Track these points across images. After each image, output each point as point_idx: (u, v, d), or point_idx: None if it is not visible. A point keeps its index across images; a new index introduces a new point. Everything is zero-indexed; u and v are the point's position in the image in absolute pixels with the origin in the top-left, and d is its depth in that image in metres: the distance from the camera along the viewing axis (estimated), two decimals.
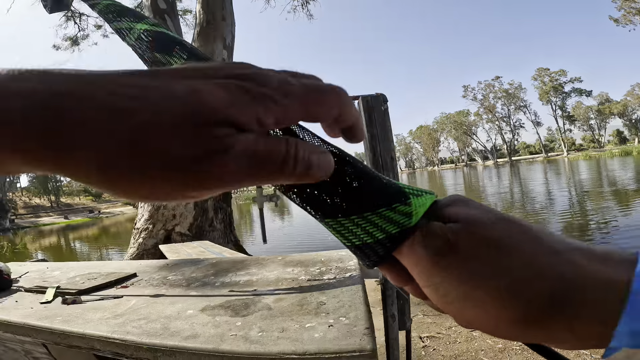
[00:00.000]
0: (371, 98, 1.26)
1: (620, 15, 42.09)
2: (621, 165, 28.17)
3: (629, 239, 6.16)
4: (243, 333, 0.76)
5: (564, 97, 67.00)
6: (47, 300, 1.26)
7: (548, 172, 29.19)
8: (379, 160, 1.25)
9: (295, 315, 0.83)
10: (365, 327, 0.67)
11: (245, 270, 1.49)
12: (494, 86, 70.76)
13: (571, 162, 43.01)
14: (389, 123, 1.30)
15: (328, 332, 0.69)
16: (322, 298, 0.92)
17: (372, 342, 0.61)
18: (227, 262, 1.72)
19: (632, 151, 45.38)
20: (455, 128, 79.48)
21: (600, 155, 50.52)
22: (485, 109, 72.56)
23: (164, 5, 6.22)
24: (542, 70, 66.48)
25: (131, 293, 1.34)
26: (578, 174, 23.65)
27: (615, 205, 9.93)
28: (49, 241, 21.23)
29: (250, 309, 0.95)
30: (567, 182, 19.30)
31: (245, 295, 1.11)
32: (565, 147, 67.51)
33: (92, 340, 0.88)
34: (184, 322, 0.91)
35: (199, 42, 5.72)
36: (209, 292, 1.26)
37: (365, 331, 0.65)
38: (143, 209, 6.83)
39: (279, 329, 0.75)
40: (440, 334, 2.58)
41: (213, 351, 0.70)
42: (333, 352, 0.61)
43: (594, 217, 8.61)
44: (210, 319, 0.90)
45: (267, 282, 1.26)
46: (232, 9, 6.29)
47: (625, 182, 15.53)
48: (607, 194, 12.48)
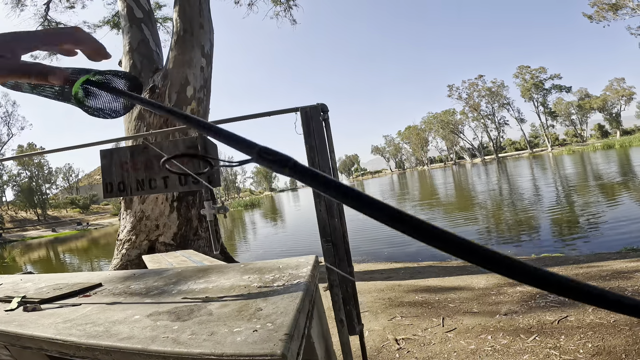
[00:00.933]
0: (310, 109, 1.28)
1: (594, 11, 43.14)
2: (604, 158, 28.88)
3: (617, 232, 6.26)
4: (175, 336, 0.80)
5: (545, 93, 68.45)
6: (11, 308, 1.33)
7: (534, 168, 29.74)
8: None
9: (230, 320, 0.86)
10: (284, 332, 0.70)
11: (205, 278, 1.51)
12: (477, 85, 71.94)
13: (556, 157, 43.90)
14: (329, 133, 1.31)
15: (250, 336, 0.72)
16: (262, 304, 0.96)
17: (284, 348, 0.64)
18: (191, 271, 1.73)
19: (614, 144, 46.52)
20: (442, 127, 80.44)
21: (583, 149, 51.68)
22: (470, 107, 73.67)
23: (140, 14, 6.19)
24: (523, 67, 67.89)
25: (90, 301, 1.39)
26: (563, 169, 24.16)
27: (603, 198, 10.14)
28: (38, 254, 20.81)
29: (193, 314, 0.99)
30: (553, 176, 19.71)
31: (195, 302, 1.14)
32: (549, 143, 68.89)
33: (39, 341, 0.97)
34: (127, 326, 0.95)
35: (176, 51, 5.70)
36: (163, 299, 1.29)
37: (283, 337, 0.68)
38: (125, 221, 6.76)
39: (209, 333, 0.78)
40: (415, 335, 2.61)
41: (142, 350, 0.76)
42: (246, 354, 0.65)
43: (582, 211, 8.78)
44: (152, 323, 0.94)
45: (220, 290, 1.29)
46: (210, 17, 6.29)
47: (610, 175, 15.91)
48: (592, 188, 12.77)
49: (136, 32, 6.15)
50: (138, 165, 1.56)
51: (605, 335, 2.09)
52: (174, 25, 5.99)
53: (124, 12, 6.19)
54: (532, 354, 2.06)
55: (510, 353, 2.13)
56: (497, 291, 3.23)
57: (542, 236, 6.97)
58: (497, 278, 3.70)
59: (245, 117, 1.79)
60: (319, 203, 1.34)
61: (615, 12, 41.14)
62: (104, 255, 14.84)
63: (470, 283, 3.66)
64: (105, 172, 1.61)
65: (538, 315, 2.54)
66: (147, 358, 0.75)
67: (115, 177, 1.58)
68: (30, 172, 58.85)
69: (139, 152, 1.57)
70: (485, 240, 7.30)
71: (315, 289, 1.37)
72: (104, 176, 1.61)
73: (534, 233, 7.33)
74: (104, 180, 1.60)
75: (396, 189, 33.02)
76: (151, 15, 6.59)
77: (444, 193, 20.17)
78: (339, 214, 1.35)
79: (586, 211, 8.68)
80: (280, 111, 1.43)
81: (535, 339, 2.21)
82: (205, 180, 1.40)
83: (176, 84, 5.53)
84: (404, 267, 5.44)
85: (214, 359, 0.66)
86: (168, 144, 1.61)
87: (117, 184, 1.58)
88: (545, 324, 2.39)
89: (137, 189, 1.55)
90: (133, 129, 6.09)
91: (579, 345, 2.06)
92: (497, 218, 9.68)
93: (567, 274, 3.46)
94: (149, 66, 5.91)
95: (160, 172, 1.54)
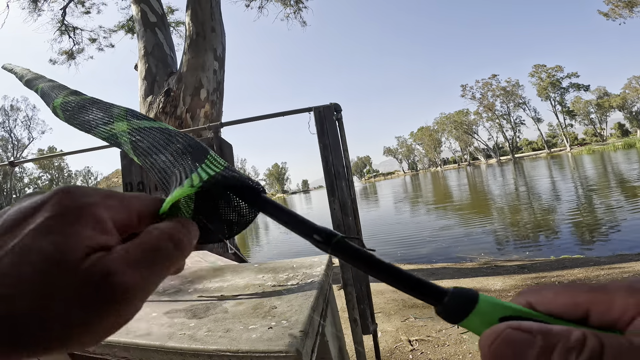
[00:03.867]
0: (323, 109, 1.28)
1: (609, 9, 41.91)
2: (625, 157, 27.96)
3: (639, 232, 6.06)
4: (192, 332, 0.81)
5: (562, 92, 66.77)
6: None
7: (552, 168, 29.01)
8: (331, 170, 1.27)
9: (245, 317, 0.87)
10: (299, 330, 0.70)
11: (220, 277, 1.52)
12: (491, 84, 70.72)
13: (575, 157, 42.74)
14: (342, 132, 1.31)
15: (265, 333, 0.72)
16: (276, 302, 0.96)
17: (299, 344, 0.64)
18: (206, 270, 1.75)
19: (635, 143, 45.01)
20: (455, 128, 79.36)
21: (603, 148, 50.18)
22: (485, 107, 72.46)
23: (154, 19, 6.32)
24: (538, 66, 66.43)
25: None
26: (583, 169, 23.49)
27: (624, 199, 9.82)
28: None
29: (209, 312, 0.99)
30: (572, 177, 19.19)
31: (210, 300, 1.15)
32: (567, 142, 67.14)
33: None
34: (145, 323, 0.97)
35: (189, 54, 5.80)
36: (179, 297, 1.30)
37: (298, 334, 0.68)
38: None
39: (224, 330, 0.78)
40: (429, 337, 2.58)
41: (159, 347, 0.77)
42: (261, 351, 0.65)
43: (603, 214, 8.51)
44: (169, 320, 0.95)
45: (235, 288, 1.29)
46: (221, 20, 6.38)
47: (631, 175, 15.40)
48: (613, 188, 12.38)
49: (150, 36, 6.28)
50: None
51: None
52: (187, 29, 6.09)
53: (138, 17, 6.32)
54: None
55: None
56: (514, 292, 3.16)
57: (561, 237, 6.79)
58: (514, 279, 3.62)
59: (258, 118, 1.80)
60: (333, 202, 1.34)
61: (631, 10, 39.90)
62: None
63: (486, 284, 3.59)
64: (125, 173, 1.65)
65: None
66: (164, 354, 0.75)
67: (134, 177, 1.62)
68: (51, 175, 60.70)
69: None
70: (503, 243, 7.14)
71: (329, 288, 1.36)
72: (124, 176, 1.64)
73: (552, 235, 7.15)
74: (124, 180, 1.64)
75: (409, 190, 32.70)
76: (164, 19, 6.72)
77: (459, 195, 19.86)
78: (353, 213, 1.35)
79: (607, 212, 8.41)
80: (293, 111, 1.43)
81: None
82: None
83: (190, 87, 5.62)
84: (417, 268, 5.37)
85: (229, 355, 0.67)
86: None
87: (137, 183, 1.61)
88: None
89: (156, 188, 1.57)
90: None
91: None
92: (515, 220, 9.47)
93: (587, 275, 3.36)
94: (164, 70, 6.03)
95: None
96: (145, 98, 5.73)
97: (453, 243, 7.31)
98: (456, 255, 6.27)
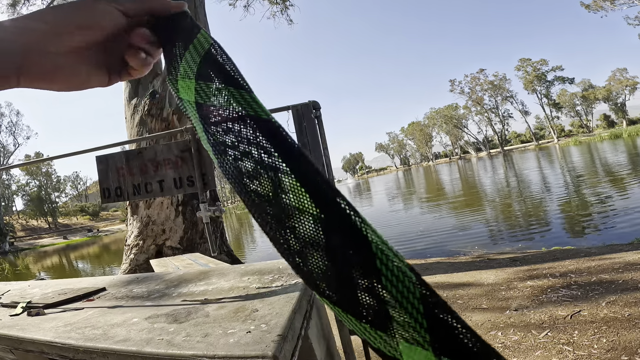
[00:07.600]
0: (301, 106, 1.25)
1: (591, 1, 42.55)
2: (612, 148, 28.47)
3: (629, 223, 6.14)
4: (170, 338, 0.79)
5: (548, 85, 67.67)
6: (15, 313, 1.37)
7: (541, 159, 29.42)
8: None
9: (225, 321, 0.84)
10: (277, 334, 0.68)
11: (206, 281, 1.50)
12: (479, 78, 71.37)
13: (562, 148, 43.41)
14: (322, 130, 1.29)
15: (244, 337, 0.70)
16: (259, 305, 0.94)
17: (276, 349, 0.62)
18: (193, 274, 1.72)
19: (621, 134, 45.85)
20: (445, 122, 79.95)
21: (590, 139, 51.03)
22: (473, 101, 73.12)
23: None
24: (524, 60, 67.18)
25: (93, 305, 1.41)
26: (570, 160, 23.86)
27: (611, 188, 9.98)
28: (50, 261, 21.16)
29: (190, 316, 0.97)
30: (561, 168, 19.47)
31: (193, 304, 1.12)
32: (555, 134, 68.11)
33: (40, 344, 1.00)
34: (124, 328, 0.96)
35: None
36: (163, 302, 1.28)
37: (275, 338, 0.66)
38: (132, 226, 6.80)
39: (203, 334, 0.76)
40: None
41: (136, 352, 0.76)
42: (238, 356, 0.63)
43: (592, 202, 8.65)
44: (149, 326, 0.93)
45: (219, 291, 1.27)
46: (206, 20, 6.30)
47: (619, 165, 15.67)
48: (601, 178, 12.58)
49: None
50: (133, 170, 1.55)
51: (620, 330, 2.03)
52: None
53: None
54: (544, 350, 2.01)
55: (521, 350, 2.07)
56: (506, 286, 3.18)
57: (552, 229, 6.88)
58: (507, 273, 3.64)
59: None
60: None
61: (613, 2, 40.57)
62: (114, 260, 15.00)
63: (479, 279, 3.60)
64: (102, 178, 1.61)
65: (550, 310, 2.48)
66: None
67: (112, 182, 1.58)
68: (39, 181, 59.60)
69: (133, 156, 1.57)
70: (496, 236, 7.21)
71: None
72: (100, 182, 1.60)
73: (544, 226, 7.23)
74: (101, 186, 1.60)
75: (402, 186, 32.87)
76: None
77: (451, 189, 20.02)
78: None
79: (596, 202, 8.55)
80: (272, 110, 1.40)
81: (547, 335, 2.15)
82: (199, 183, 1.39)
83: None
84: (411, 264, 5.38)
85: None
86: (162, 148, 1.60)
87: (114, 189, 1.57)
88: (557, 319, 2.33)
89: (134, 193, 1.54)
90: (135, 134, 6.11)
91: (593, 340, 2.00)
92: (506, 212, 9.57)
93: (579, 267, 3.38)
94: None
95: (155, 176, 1.53)
96: (130, 100, 5.64)
97: (446, 237, 7.35)
98: (449, 250, 6.31)
